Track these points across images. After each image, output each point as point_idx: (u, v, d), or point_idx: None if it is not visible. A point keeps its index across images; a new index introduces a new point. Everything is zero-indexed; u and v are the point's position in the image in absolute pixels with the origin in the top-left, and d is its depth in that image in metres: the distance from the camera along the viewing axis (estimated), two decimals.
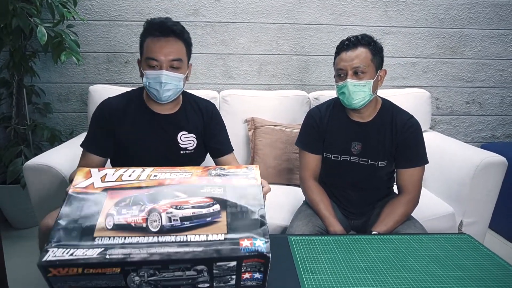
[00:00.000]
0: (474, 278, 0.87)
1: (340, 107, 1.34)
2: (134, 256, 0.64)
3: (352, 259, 0.94)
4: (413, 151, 1.28)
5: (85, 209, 0.72)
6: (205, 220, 0.71)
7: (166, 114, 1.25)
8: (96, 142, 1.22)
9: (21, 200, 1.97)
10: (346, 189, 1.38)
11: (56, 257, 0.63)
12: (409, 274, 0.87)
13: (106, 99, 1.27)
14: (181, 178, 0.81)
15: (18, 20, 1.63)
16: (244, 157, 1.94)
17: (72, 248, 0.65)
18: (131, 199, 0.74)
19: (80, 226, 0.69)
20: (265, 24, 2.16)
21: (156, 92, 1.16)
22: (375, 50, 1.24)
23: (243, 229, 0.70)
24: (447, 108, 2.36)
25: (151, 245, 0.66)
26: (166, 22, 1.14)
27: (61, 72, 2.15)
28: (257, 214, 0.73)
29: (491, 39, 2.26)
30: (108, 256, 0.64)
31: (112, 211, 0.72)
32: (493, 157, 1.52)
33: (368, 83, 1.22)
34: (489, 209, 1.58)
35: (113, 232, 0.68)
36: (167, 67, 1.14)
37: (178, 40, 1.16)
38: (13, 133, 2.03)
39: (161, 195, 0.76)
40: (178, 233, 0.68)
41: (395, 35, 2.22)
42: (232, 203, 0.75)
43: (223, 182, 0.80)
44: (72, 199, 0.74)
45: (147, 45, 1.14)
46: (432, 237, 1.07)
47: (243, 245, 0.67)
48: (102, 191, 0.76)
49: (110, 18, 2.09)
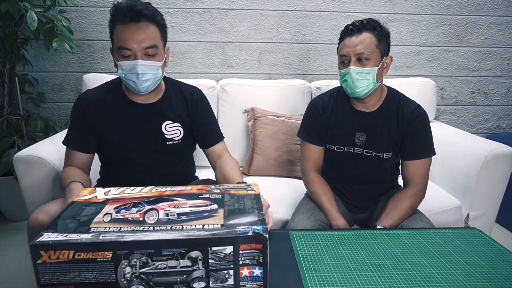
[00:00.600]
0: (487, 275, 0.82)
1: (344, 97, 1.28)
2: (127, 237, 0.64)
3: (357, 255, 0.89)
4: (420, 142, 1.23)
5: (85, 211, 0.74)
6: (202, 215, 0.71)
7: (148, 104, 1.18)
8: (78, 138, 1.16)
9: (15, 192, 1.92)
10: (349, 182, 1.33)
11: (50, 238, 0.63)
12: (417, 272, 0.83)
13: (83, 92, 1.21)
14: (180, 189, 0.83)
15: (7, 5, 1.57)
16: (244, 148, 1.89)
17: (67, 233, 0.65)
18: (131, 204, 0.76)
19: (78, 220, 0.70)
20: (265, 11, 2.08)
21: (134, 84, 1.08)
22: (381, 35, 1.17)
23: (241, 219, 0.70)
24: (452, 98, 2.30)
25: (146, 232, 0.66)
26: (134, 5, 1.03)
27: (55, 61, 2.08)
28: (255, 216, 0.71)
29: (498, 26, 2.19)
30: (101, 237, 0.64)
31: (111, 211, 0.73)
32: (501, 148, 1.47)
33: (372, 71, 1.16)
34: (497, 202, 1.53)
35: (109, 223, 0.69)
36: (141, 55, 1.04)
37: (150, 24, 1.05)
38: (5, 124, 1.97)
39: (160, 200, 0.78)
40: (174, 224, 0.69)
41: (400, 22, 2.15)
42: (230, 203, 0.77)
43: (222, 192, 0.82)
44: (73, 205, 0.77)
45: (117, 33, 1.04)
46: (440, 232, 1.02)
47: (239, 227, 0.67)
48: (104, 201, 0.78)
49: (105, 4, 2.01)
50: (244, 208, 0.74)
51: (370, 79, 1.16)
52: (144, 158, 1.19)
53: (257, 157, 1.76)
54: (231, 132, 1.82)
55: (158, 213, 0.72)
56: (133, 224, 0.69)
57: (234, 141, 1.83)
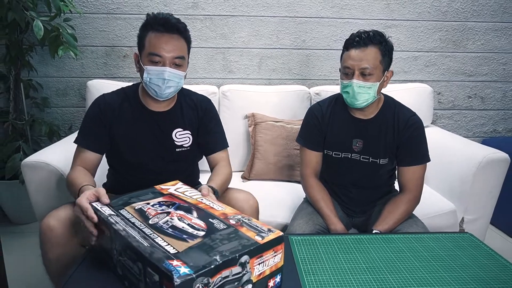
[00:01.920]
0: (476, 279, 0.86)
1: (342, 104, 1.32)
2: (118, 225, 0.77)
3: (354, 259, 0.93)
4: (415, 149, 1.27)
5: (145, 196, 0.93)
6: (181, 236, 0.74)
7: (161, 112, 1.24)
8: (92, 138, 1.20)
9: (20, 196, 1.96)
10: (347, 187, 1.36)
11: (97, 206, 0.87)
12: (411, 275, 0.87)
13: (100, 96, 1.24)
14: (211, 207, 0.88)
15: (14, 13, 1.61)
16: (245, 153, 1.93)
17: (113, 206, 0.87)
18: (170, 203, 0.89)
19: (128, 198, 0.91)
20: (265, 18, 2.12)
21: (158, 88, 1.14)
22: (385, 50, 1.20)
23: (194, 258, 0.66)
24: (449, 102, 2.34)
25: (134, 227, 0.76)
26: (170, 18, 1.13)
27: (59, 66, 2.12)
28: (208, 260, 0.65)
29: (494, 32, 2.23)
30: (108, 215, 0.82)
31: (152, 202, 0.89)
32: (495, 154, 1.51)
33: (374, 85, 1.19)
34: (491, 206, 1.57)
35: (133, 211, 0.84)
36: (170, 64, 1.12)
37: (181, 37, 1.14)
38: (11, 128, 2.00)
39: (188, 208, 0.86)
40: (158, 233, 0.74)
41: (398, 28, 2.19)
42: (219, 236, 0.73)
43: (232, 224, 0.78)
44: (150, 189, 0.98)
45: (149, 40, 1.12)
46: (434, 236, 1.06)
47: (174, 264, 0.63)
48: (166, 193, 0.95)
49: (108, 11, 2.05)
50: (217, 249, 0.68)
51: (371, 93, 1.20)
52: (153, 163, 1.24)
53: (258, 162, 1.80)
54: (232, 138, 1.84)
55: (165, 218, 0.80)
56: (142, 218, 0.80)
57: (235, 146, 1.87)
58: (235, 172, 1.69)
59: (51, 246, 1.03)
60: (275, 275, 0.76)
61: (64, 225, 1.04)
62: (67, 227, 1.04)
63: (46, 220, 1.04)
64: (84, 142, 1.20)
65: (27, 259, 1.70)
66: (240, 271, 0.68)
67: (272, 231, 0.76)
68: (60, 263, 1.05)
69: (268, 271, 0.74)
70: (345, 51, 1.23)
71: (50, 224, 1.03)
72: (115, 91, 1.27)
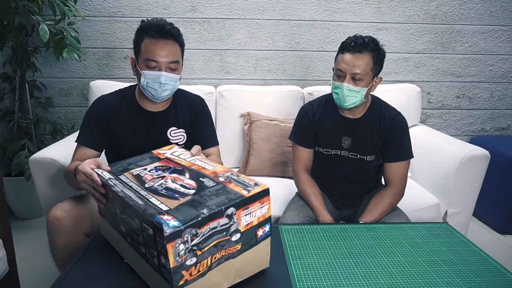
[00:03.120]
0: (447, 262, 0.95)
1: (332, 104, 1.40)
2: (115, 187, 0.84)
3: (337, 246, 1.02)
4: (399, 146, 1.35)
5: (142, 161, 0.98)
6: (173, 195, 0.80)
7: (157, 112, 1.31)
8: (92, 136, 1.27)
9: (25, 192, 2.04)
10: (336, 182, 1.45)
11: (100, 172, 0.93)
12: (388, 259, 0.95)
13: (99, 97, 1.32)
14: (203, 167, 0.92)
15: (21, 17, 1.68)
16: (240, 150, 2.01)
17: (114, 172, 0.93)
18: (166, 167, 0.93)
19: (127, 164, 0.97)
20: (261, 21, 2.21)
21: (154, 92, 1.21)
22: (378, 58, 1.27)
23: (184, 212, 0.73)
24: (438, 102, 2.43)
25: (131, 190, 0.82)
26: (165, 25, 1.20)
27: (62, 67, 2.20)
28: (196, 213, 0.72)
29: (481, 34, 2.32)
30: (108, 179, 0.89)
31: (149, 167, 0.94)
32: (476, 151, 1.60)
33: (363, 90, 1.27)
34: (473, 199, 1.66)
35: (131, 177, 0.89)
36: (165, 68, 1.19)
37: (175, 42, 1.21)
38: (16, 127, 2.09)
39: (182, 171, 0.91)
40: (153, 194, 0.81)
41: (388, 31, 2.28)
42: (208, 193, 0.79)
43: (221, 181, 0.84)
44: (147, 154, 1.04)
45: (145, 46, 1.19)
46: (413, 226, 1.15)
47: (164, 218, 0.70)
48: (162, 158, 1.00)
49: (109, 14, 2.14)
50: (205, 203, 0.75)
51: (358, 97, 1.28)
52: None
53: (253, 159, 1.88)
54: (228, 135, 1.95)
55: (160, 182, 0.86)
56: (139, 182, 0.86)
57: (231, 144, 1.96)
58: (232, 168, 1.77)
59: (57, 235, 1.12)
60: (263, 224, 0.83)
61: (69, 216, 1.12)
62: (72, 217, 1.13)
63: (53, 211, 1.13)
64: (83, 140, 1.27)
65: (33, 250, 1.78)
66: (227, 222, 0.75)
67: (258, 185, 0.82)
68: (66, 251, 1.14)
69: (256, 221, 0.80)
70: (340, 53, 1.30)
71: (57, 214, 1.11)
72: (113, 93, 1.34)
